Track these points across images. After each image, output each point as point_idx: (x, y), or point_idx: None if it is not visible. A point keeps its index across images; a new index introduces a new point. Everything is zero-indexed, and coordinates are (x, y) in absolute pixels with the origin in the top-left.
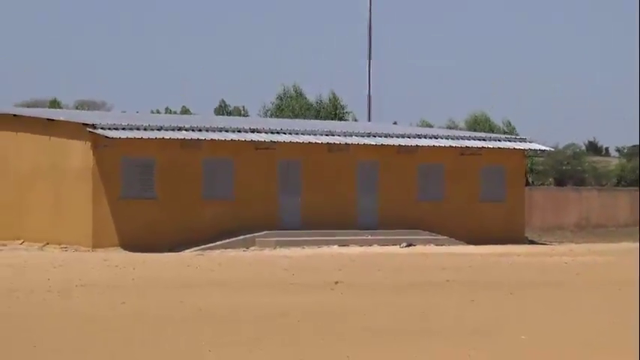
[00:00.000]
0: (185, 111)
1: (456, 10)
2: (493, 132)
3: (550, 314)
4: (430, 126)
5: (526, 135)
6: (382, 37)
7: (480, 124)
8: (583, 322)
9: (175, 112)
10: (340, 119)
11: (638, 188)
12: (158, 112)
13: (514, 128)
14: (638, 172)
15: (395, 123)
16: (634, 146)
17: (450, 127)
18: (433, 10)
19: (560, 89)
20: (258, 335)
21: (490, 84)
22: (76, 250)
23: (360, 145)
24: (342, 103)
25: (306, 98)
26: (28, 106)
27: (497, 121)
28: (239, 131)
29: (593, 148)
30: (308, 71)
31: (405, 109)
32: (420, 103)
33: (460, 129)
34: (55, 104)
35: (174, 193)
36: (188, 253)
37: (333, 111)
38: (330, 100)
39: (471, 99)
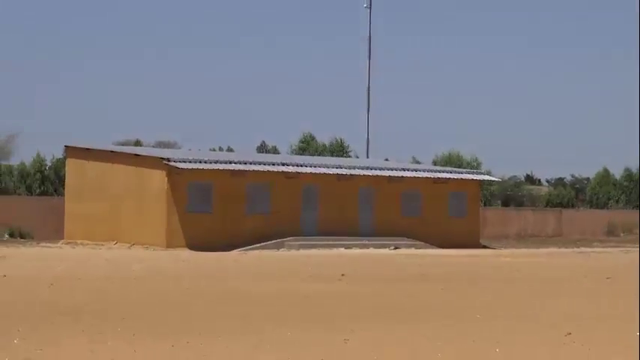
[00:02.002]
0: (230, 149)
1: (434, 71)
2: (462, 166)
3: (498, 299)
4: (417, 161)
5: (483, 168)
6: (379, 92)
7: (452, 160)
8: (520, 304)
9: (229, 149)
10: (346, 156)
11: (591, 208)
12: (214, 149)
13: (480, 163)
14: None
15: (386, 159)
16: (559, 178)
17: (434, 163)
18: (419, 71)
19: (508, 134)
20: (284, 311)
21: (463, 130)
22: (154, 249)
23: (361, 175)
24: (346, 145)
25: (318, 141)
26: (120, 145)
27: (467, 156)
28: (273, 164)
29: (530, 179)
30: (323, 119)
31: (395, 148)
32: (408, 144)
33: (437, 164)
34: (138, 143)
35: (225, 209)
36: (234, 253)
37: (341, 150)
38: (338, 142)
39: (447, 139)
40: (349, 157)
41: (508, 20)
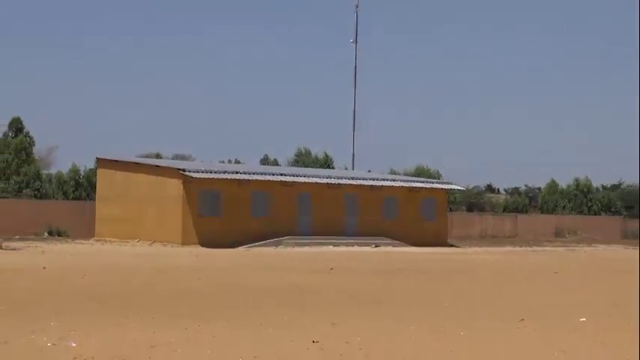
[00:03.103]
0: (239, 161)
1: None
2: (430, 177)
3: (463, 290)
4: (395, 172)
5: (449, 179)
6: (363, 114)
7: (424, 172)
8: (482, 294)
9: (236, 161)
10: (334, 168)
11: (542, 213)
12: (223, 161)
13: (441, 175)
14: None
15: (369, 171)
16: (515, 187)
17: (406, 174)
18: (398, 96)
19: (472, 151)
20: (281, 299)
21: (433, 145)
22: (172, 246)
23: (347, 184)
24: (334, 158)
25: (312, 155)
26: (142, 157)
27: (433, 169)
28: (273, 174)
29: (490, 188)
30: (316, 136)
31: (376, 161)
32: (387, 157)
33: (408, 175)
34: (158, 156)
35: (231, 213)
36: (240, 249)
37: (330, 163)
38: (328, 156)
39: (421, 153)
40: (337, 169)
41: (468, 53)
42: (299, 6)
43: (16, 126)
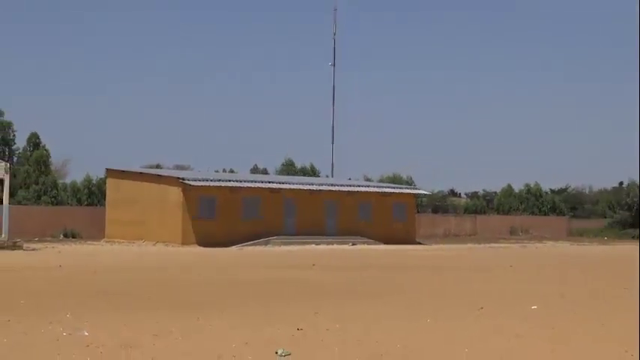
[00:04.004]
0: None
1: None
2: (401, 183)
3: (429, 281)
4: (369, 179)
5: (418, 184)
6: (341, 129)
7: (396, 179)
8: (445, 285)
9: (230, 170)
10: (316, 176)
11: (498, 214)
12: (218, 171)
13: (413, 180)
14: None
15: (349, 178)
16: (474, 192)
17: (380, 181)
18: (372, 112)
19: (437, 159)
20: (270, 291)
21: (404, 156)
22: (172, 246)
23: (326, 191)
24: (317, 168)
25: (296, 165)
26: (146, 167)
27: (404, 176)
28: (262, 182)
29: (452, 193)
30: (300, 149)
31: (352, 170)
32: (362, 166)
33: (383, 181)
34: (159, 166)
35: (225, 216)
36: (234, 248)
37: (312, 172)
38: (310, 166)
39: (394, 162)
40: (319, 177)
41: (433, 78)
42: (285, 34)
43: (34, 141)
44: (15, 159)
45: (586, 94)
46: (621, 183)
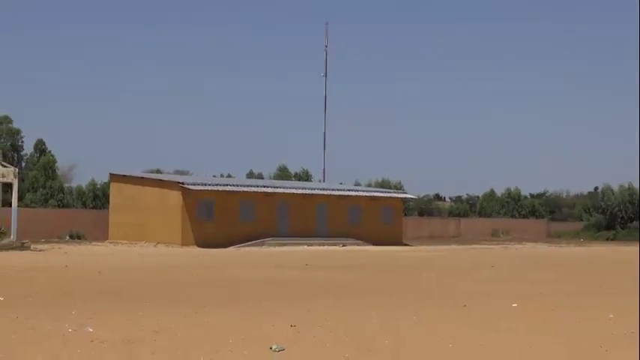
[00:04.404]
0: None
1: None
2: (389, 188)
3: (415, 280)
4: (358, 184)
5: (405, 189)
6: (332, 136)
7: (385, 183)
8: (431, 284)
9: (228, 175)
10: (309, 181)
11: (480, 217)
12: (216, 175)
13: (401, 185)
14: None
15: (341, 183)
16: (458, 196)
17: (369, 185)
18: (362, 121)
19: (424, 165)
20: (265, 289)
21: (392, 161)
22: (173, 247)
23: (318, 194)
24: (309, 173)
25: (289, 170)
26: (148, 172)
27: (393, 180)
28: (257, 186)
29: (438, 197)
30: (293, 155)
31: (343, 175)
32: (353, 171)
33: (372, 185)
34: (160, 171)
35: (223, 218)
36: (230, 249)
37: (305, 177)
38: (304, 171)
39: (382, 167)
40: (311, 181)
41: (410, 88)
42: (279, 48)
43: (40, 147)
44: (23, 164)
45: (564, 105)
46: (596, 188)
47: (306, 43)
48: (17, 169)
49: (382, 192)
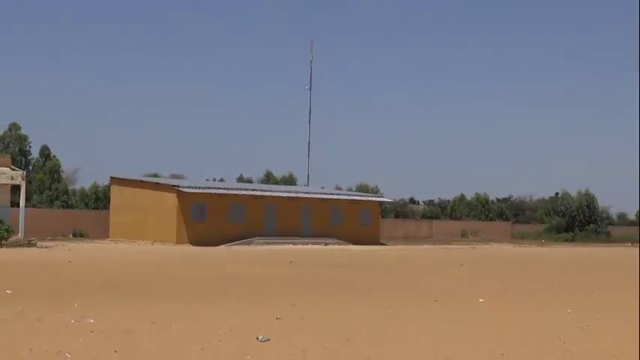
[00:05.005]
0: (221, 179)
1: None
2: (368, 192)
3: (392, 277)
4: (340, 188)
5: (382, 193)
6: (316, 143)
7: (363, 187)
8: (406, 281)
9: (221, 179)
10: (294, 185)
11: (451, 219)
12: (209, 179)
13: (378, 189)
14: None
15: (323, 187)
16: (430, 200)
17: (350, 189)
18: (343, 129)
19: (401, 171)
20: (253, 284)
21: (371, 167)
22: (168, 245)
23: (303, 197)
24: (295, 177)
25: (276, 175)
26: (146, 176)
27: (371, 185)
28: (246, 190)
29: (412, 200)
30: (280, 161)
31: (326, 179)
32: (335, 176)
33: (351, 190)
34: (157, 175)
35: (215, 219)
36: (222, 247)
37: (291, 181)
38: (290, 175)
39: (361, 173)
40: (296, 185)
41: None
42: (268, 64)
43: (45, 152)
44: (30, 168)
45: (530, 117)
46: (557, 193)
47: (292, 57)
48: (25, 173)
49: (361, 196)
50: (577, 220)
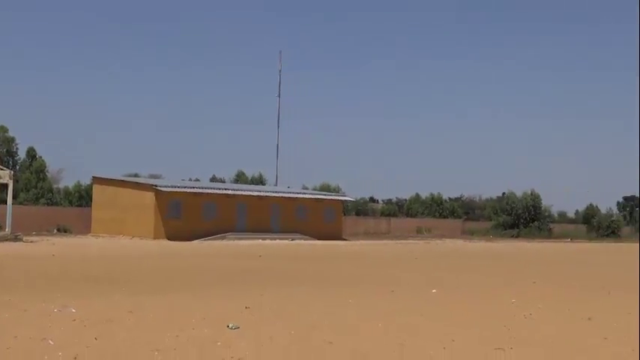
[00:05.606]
0: (197, 179)
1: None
2: (331, 191)
3: (353, 270)
4: (306, 187)
5: (345, 192)
6: (284, 145)
7: (325, 187)
8: (366, 273)
9: (196, 179)
10: (263, 184)
11: (407, 217)
12: (184, 179)
13: (340, 188)
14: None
15: (289, 187)
16: (389, 199)
17: (315, 189)
18: (309, 133)
19: (362, 172)
20: (224, 276)
21: (334, 168)
22: (146, 240)
23: (272, 196)
24: (264, 177)
25: (247, 175)
26: (126, 176)
27: (334, 184)
28: (219, 189)
29: (372, 199)
30: (250, 161)
31: (293, 179)
32: (301, 176)
33: (316, 189)
34: (137, 175)
35: (189, 216)
36: (196, 242)
37: (260, 181)
38: (260, 176)
39: (327, 174)
40: (265, 185)
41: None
42: (241, 73)
43: (32, 153)
44: (17, 167)
45: (478, 122)
46: (504, 193)
47: (263, 66)
48: (12, 172)
49: (325, 195)
50: (522, 218)
